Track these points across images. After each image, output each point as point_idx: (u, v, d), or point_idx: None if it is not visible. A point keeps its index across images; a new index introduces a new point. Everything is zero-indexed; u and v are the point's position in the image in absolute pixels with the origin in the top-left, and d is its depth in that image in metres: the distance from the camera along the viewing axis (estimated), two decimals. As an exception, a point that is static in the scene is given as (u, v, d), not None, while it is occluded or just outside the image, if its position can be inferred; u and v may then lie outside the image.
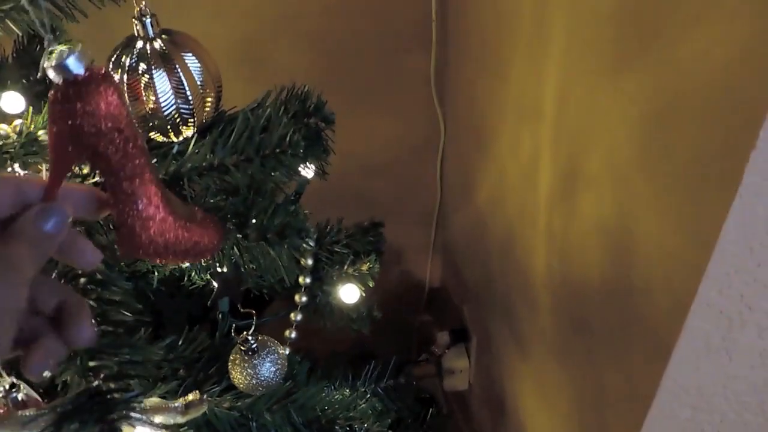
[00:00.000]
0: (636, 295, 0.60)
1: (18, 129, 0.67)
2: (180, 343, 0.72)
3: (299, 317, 0.77)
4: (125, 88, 0.53)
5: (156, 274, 0.72)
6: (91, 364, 0.47)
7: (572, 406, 0.81)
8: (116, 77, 0.54)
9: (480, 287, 1.29)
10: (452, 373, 1.40)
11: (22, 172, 0.61)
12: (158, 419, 0.52)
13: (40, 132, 0.68)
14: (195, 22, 0.71)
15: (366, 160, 1.50)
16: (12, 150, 0.65)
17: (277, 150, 0.52)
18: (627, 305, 0.62)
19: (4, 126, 0.68)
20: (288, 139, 0.52)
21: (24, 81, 0.82)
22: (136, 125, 0.39)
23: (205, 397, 0.58)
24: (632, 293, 0.60)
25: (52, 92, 0.37)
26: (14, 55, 0.85)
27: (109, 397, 0.48)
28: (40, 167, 0.70)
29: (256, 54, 1.33)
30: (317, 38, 1.32)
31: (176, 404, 0.55)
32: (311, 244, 0.54)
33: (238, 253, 0.53)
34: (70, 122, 0.36)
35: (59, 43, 0.95)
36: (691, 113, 0.47)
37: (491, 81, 1.01)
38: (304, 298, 0.76)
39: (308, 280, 0.76)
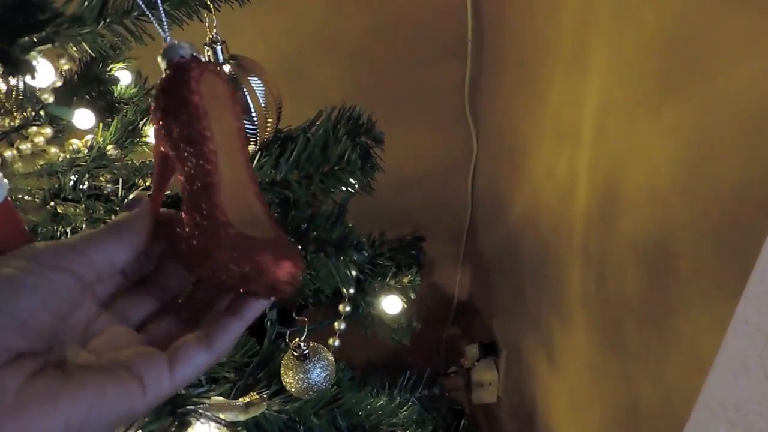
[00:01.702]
0: (673, 312, 0.62)
1: (89, 144, 0.72)
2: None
3: (343, 326, 0.80)
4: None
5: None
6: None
7: (605, 420, 0.83)
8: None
9: (510, 302, 1.31)
10: (481, 386, 1.42)
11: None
12: (222, 416, 0.56)
13: (109, 147, 0.73)
14: (241, 41, 0.75)
15: (399, 174, 1.53)
16: (83, 164, 0.70)
17: (336, 167, 0.56)
18: (664, 322, 0.64)
19: (75, 141, 0.73)
20: (346, 157, 0.56)
21: (87, 97, 0.88)
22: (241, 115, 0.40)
23: (264, 396, 0.61)
24: (669, 311, 0.63)
25: (162, 78, 0.38)
26: (78, 73, 0.90)
27: (180, 392, 0.52)
28: (101, 178, 0.74)
29: (296, 70, 1.38)
30: (354, 56, 1.37)
31: (238, 402, 0.58)
32: (366, 256, 0.58)
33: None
34: (176, 98, 0.35)
35: (118, 61, 1.00)
36: (734, 142, 0.50)
37: (528, 101, 1.04)
38: (347, 308, 0.80)
39: (352, 291, 0.79)
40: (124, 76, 0.94)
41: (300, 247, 0.56)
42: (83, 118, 0.73)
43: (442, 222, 1.66)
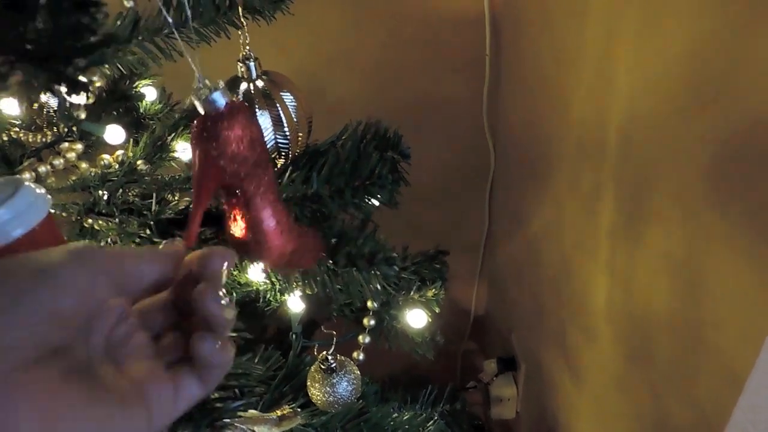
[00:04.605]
0: (705, 327, 0.62)
1: (119, 159, 0.73)
2: (255, 361, 0.76)
3: (367, 339, 0.80)
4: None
5: (234, 295, 0.76)
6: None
7: (632, 436, 0.82)
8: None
9: (530, 316, 1.30)
10: (500, 402, 1.41)
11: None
12: (256, 429, 0.56)
13: (139, 162, 0.74)
14: (260, 56, 0.76)
15: (416, 186, 1.54)
16: (115, 178, 0.70)
17: (367, 182, 0.57)
18: (694, 337, 0.64)
19: (106, 156, 0.74)
20: (377, 172, 0.56)
21: (115, 113, 0.89)
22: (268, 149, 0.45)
23: (298, 410, 0.61)
24: (701, 325, 0.62)
25: (197, 121, 0.43)
26: (106, 90, 0.92)
27: (217, 405, 0.52)
28: (130, 193, 0.75)
29: (314, 84, 1.39)
30: (372, 70, 1.38)
31: (272, 416, 0.59)
32: (396, 271, 0.58)
33: (327, 278, 0.57)
34: (214, 144, 0.42)
35: (143, 78, 1.02)
36: (765, 155, 0.50)
37: (549, 115, 1.04)
38: (372, 322, 0.80)
39: (376, 305, 0.79)
40: (149, 92, 0.96)
41: (331, 261, 0.56)
42: (114, 133, 0.74)
43: (459, 236, 1.66)
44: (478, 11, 1.27)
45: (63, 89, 0.31)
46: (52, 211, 0.45)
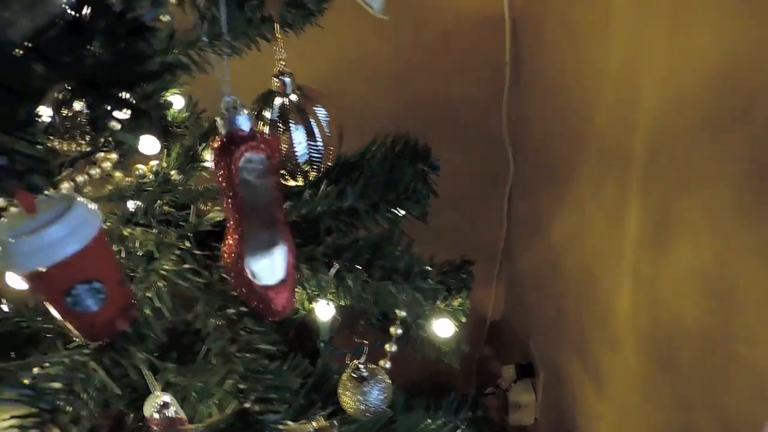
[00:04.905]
0: (735, 339, 0.62)
1: (154, 169, 0.75)
2: (285, 368, 0.77)
3: (394, 348, 0.81)
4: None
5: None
6: (242, 386, 0.53)
7: (657, 445, 0.83)
8: (265, 130, 0.61)
9: (549, 322, 1.31)
10: (518, 408, 1.41)
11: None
12: (295, 440, 0.57)
13: (173, 172, 0.75)
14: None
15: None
16: (150, 188, 0.72)
17: (402, 196, 0.58)
18: (724, 349, 0.64)
19: (141, 166, 0.76)
20: (412, 185, 0.57)
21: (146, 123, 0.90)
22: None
23: (334, 422, 0.62)
24: (730, 337, 0.63)
25: (218, 138, 0.45)
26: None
27: (258, 417, 0.53)
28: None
29: (334, 89, 1.40)
30: (392, 79, 1.39)
31: (309, 428, 0.60)
32: (431, 284, 0.59)
33: (362, 290, 0.58)
34: (232, 165, 0.45)
35: (171, 87, 1.03)
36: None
37: (571, 124, 1.04)
38: (399, 331, 0.81)
39: (404, 314, 0.80)
40: (176, 101, 0.97)
41: (367, 275, 0.57)
42: (149, 144, 0.75)
43: (476, 242, 1.66)
44: (497, 19, 1.28)
45: (124, 115, 0.33)
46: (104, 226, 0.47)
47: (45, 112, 0.36)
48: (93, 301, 0.45)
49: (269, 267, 0.54)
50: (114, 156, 0.76)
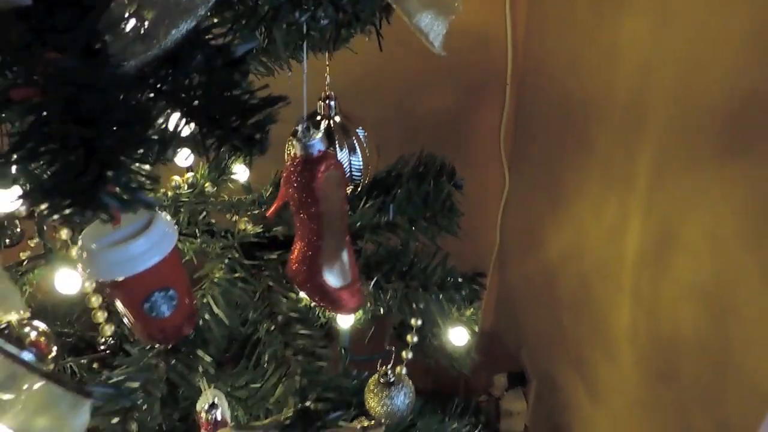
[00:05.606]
0: (734, 350, 0.68)
1: (189, 181, 0.78)
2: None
3: (410, 355, 0.85)
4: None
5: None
6: (302, 386, 0.57)
7: (653, 450, 0.88)
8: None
9: (543, 334, 1.36)
10: (510, 415, 1.47)
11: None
12: (342, 439, 0.61)
13: (207, 184, 0.78)
14: (296, 80, 0.82)
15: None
16: (185, 199, 0.75)
17: (439, 213, 0.62)
18: (722, 359, 0.70)
19: (176, 178, 0.79)
20: (448, 203, 0.62)
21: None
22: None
23: (383, 421, 0.66)
24: (729, 349, 0.68)
25: (294, 160, 0.49)
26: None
27: (318, 415, 0.57)
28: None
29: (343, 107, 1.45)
30: (395, 94, 1.44)
31: (356, 427, 0.64)
32: (463, 295, 0.63)
33: (398, 301, 0.62)
34: (314, 183, 0.52)
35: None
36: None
37: (572, 145, 1.10)
38: (415, 338, 0.85)
39: (420, 322, 0.85)
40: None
41: (406, 286, 0.62)
42: (183, 155, 0.78)
43: (468, 254, 1.70)
44: (500, 41, 1.34)
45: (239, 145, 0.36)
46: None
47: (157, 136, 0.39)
48: (167, 307, 0.48)
49: (341, 271, 0.58)
50: (146, 167, 0.79)
